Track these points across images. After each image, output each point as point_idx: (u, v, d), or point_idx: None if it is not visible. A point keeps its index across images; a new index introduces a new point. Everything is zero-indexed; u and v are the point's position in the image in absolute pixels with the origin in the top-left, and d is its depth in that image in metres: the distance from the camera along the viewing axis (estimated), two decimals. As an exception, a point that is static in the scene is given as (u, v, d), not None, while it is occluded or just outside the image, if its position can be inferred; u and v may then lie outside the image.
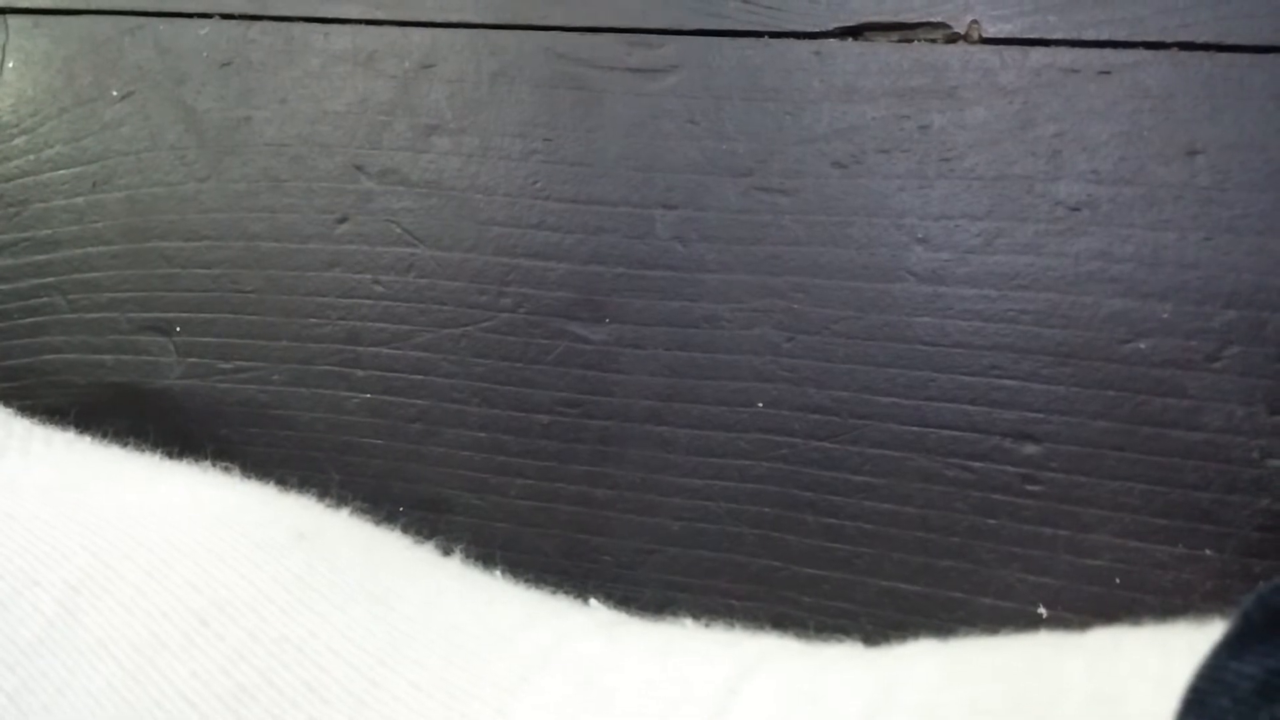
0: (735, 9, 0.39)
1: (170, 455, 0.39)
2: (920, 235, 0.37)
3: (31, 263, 0.45)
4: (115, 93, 0.45)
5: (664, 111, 0.40)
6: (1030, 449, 0.36)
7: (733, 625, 0.31)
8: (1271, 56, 0.34)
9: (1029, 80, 0.37)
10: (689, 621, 0.32)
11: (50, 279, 0.45)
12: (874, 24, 0.38)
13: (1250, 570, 0.34)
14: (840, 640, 0.29)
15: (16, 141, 0.46)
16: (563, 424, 0.40)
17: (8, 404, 0.41)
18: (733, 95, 0.39)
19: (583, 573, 0.40)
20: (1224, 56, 0.35)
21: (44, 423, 0.39)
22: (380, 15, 0.43)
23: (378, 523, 0.36)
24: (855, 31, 0.38)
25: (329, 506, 0.35)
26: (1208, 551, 0.35)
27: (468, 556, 0.36)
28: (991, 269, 0.37)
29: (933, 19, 0.37)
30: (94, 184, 0.45)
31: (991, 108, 0.37)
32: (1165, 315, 0.35)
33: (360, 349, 0.42)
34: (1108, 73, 0.36)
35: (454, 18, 0.42)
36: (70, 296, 0.45)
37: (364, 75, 0.43)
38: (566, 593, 0.36)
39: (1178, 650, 0.22)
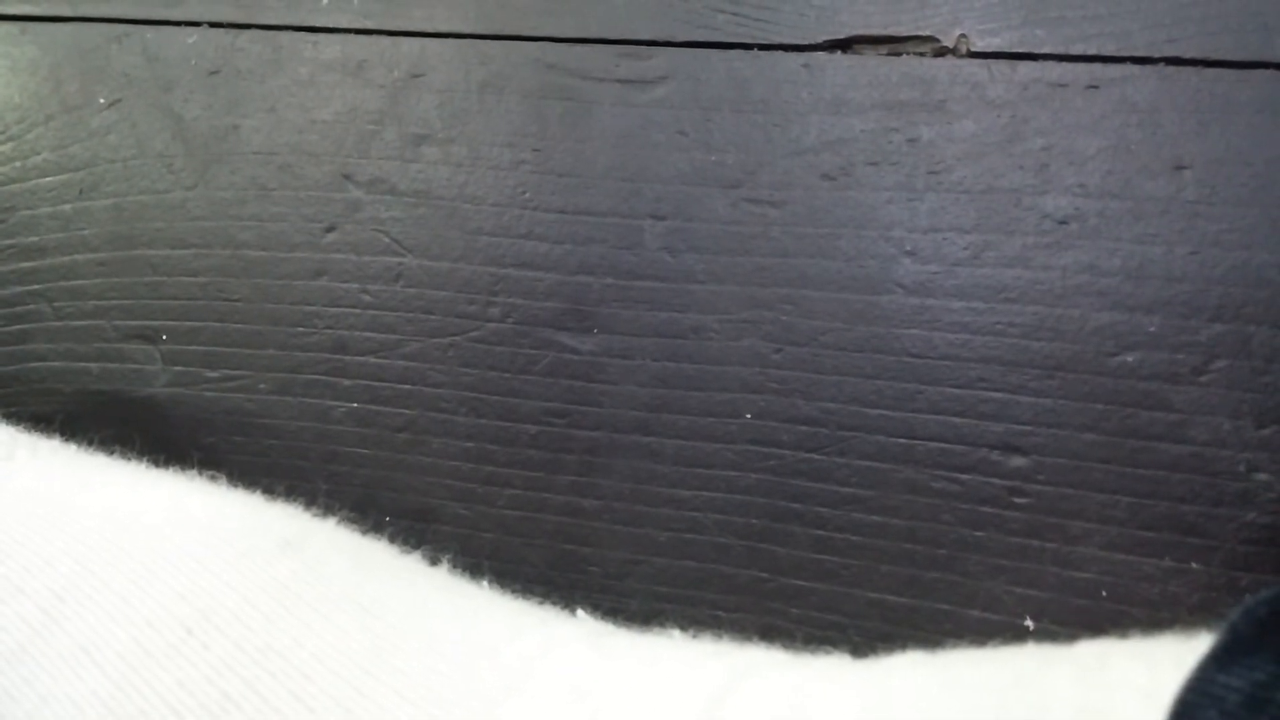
0: (725, 21, 0.39)
1: (156, 463, 0.38)
2: (908, 248, 0.37)
3: (17, 270, 0.45)
4: (102, 100, 0.45)
5: (653, 122, 0.40)
6: (1017, 461, 0.36)
7: (720, 636, 0.31)
8: (1258, 72, 0.35)
9: (1017, 94, 0.37)
10: (676, 633, 0.32)
11: (36, 286, 0.45)
12: (863, 37, 0.38)
13: (1237, 583, 0.34)
14: (828, 652, 0.29)
15: (3, 148, 0.46)
16: (550, 434, 0.40)
17: (-8, 411, 0.40)
18: (722, 107, 0.39)
19: (570, 583, 0.40)
20: (1211, 72, 0.35)
21: (29, 430, 0.39)
22: (369, 24, 0.43)
23: (364, 532, 0.36)
24: (844, 44, 0.38)
25: (315, 515, 0.35)
26: (1194, 564, 0.35)
27: (455, 566, 0.36)
28: (979, 282, 0.37)
29: (921, 32, 0.38)
30: (81, 191, 0.45)
31: (980, 121, 0.37)
32: (1152, 329, 0.35)
33: (347, 358, 0.42)
34: (1095, 87, 0.36)
35: (443, 28, 0.42)
36: (56, 304, 0.45)
37: (353, 84, 0.43)
38: (553, 603, 0.35)
39: (1165, 663, 0.22)
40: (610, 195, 0.40)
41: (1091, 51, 0.36)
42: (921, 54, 0.38)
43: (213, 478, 0.37)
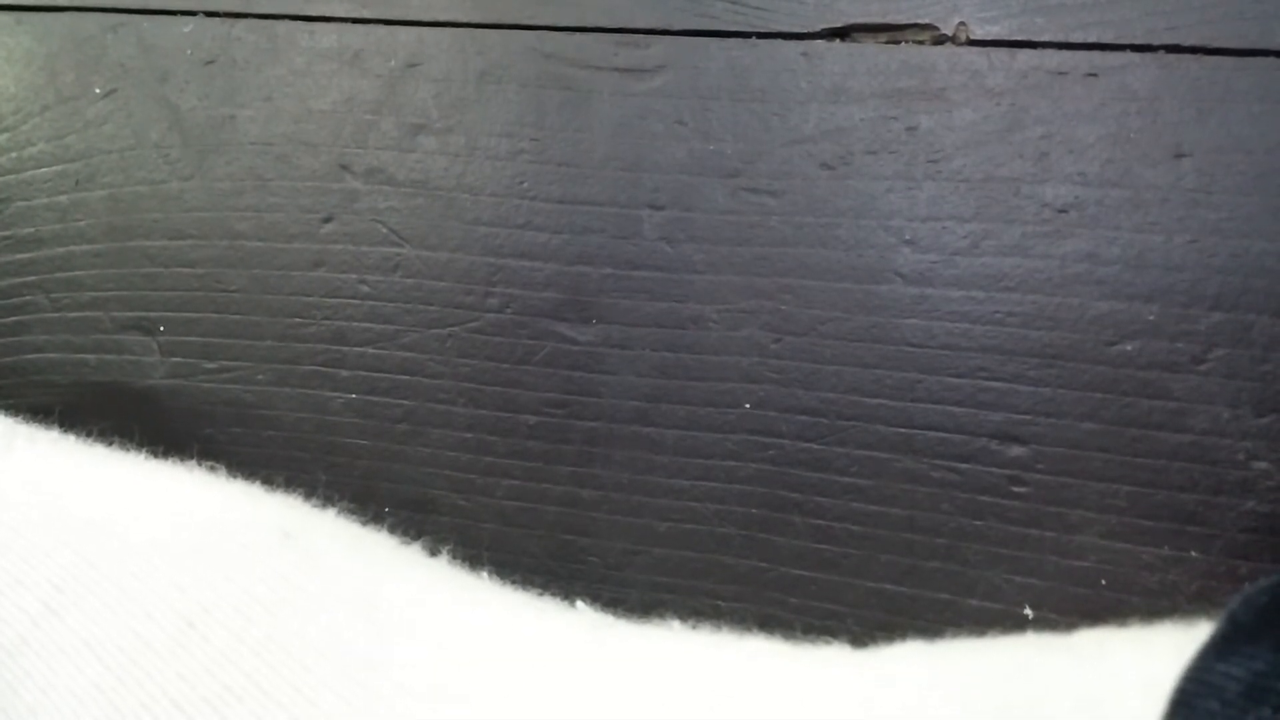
0: (723, 9, 0.39)
1: (155, 455, 0.38)
2: (908, 237, 0.37)
3: (13, 261, 0.45)
4: (98, 90, 0.45)
5: (651, 112, 0.40)
6: (1016, 450, 0.36)
7: (720, 627, 0.31)
8: (1258, 60, 0.35)
9: (1016, 82, 0.37)
10: (676, 623, 0.32)
11: (33, 278, 0.45)
12: (862, 25, 0.38)
13: (1236, 572, 0.35)
14: (827, 642, 0.29)
15: (-1, 139, 0.45)
16: (549, 425, 0.40)
17: (-11, 403, 0.40)
18: (720, 96, 0.39)
19: (569, 574, 0.40)
20: (1211, 60, 0.35)
21: (27, 422, 0.39)
22: (366, 14, 0.42)
23: (364, 523, 0.36)
24: (843, 33, 0.38)
25: (315, 507, 0.35)
26: (1193, 553, 0.35)
27: (454, 557, 0.36)
28: (978, 271, 0.37)
29: (920, 20, 0.38)
30: (77, 182, 0.45)
31: (979, 109, 0.37)
32: (1151, 317, 0.35)
33: (346, 349, 0.42)
34: (1095, 75, 0.36)
35: (440, 16, 0.42)
36: (53, 295, 0.45)
37: (349, 74, 0.42)
38: (553, 594, 0.35)
39: (1164, 652, 0.22)
40: (609, 185, 0.40)
41: (1091, 39, 0.36)
42: (920, 42, 0.38)
43: (211, 469, 0.37)
